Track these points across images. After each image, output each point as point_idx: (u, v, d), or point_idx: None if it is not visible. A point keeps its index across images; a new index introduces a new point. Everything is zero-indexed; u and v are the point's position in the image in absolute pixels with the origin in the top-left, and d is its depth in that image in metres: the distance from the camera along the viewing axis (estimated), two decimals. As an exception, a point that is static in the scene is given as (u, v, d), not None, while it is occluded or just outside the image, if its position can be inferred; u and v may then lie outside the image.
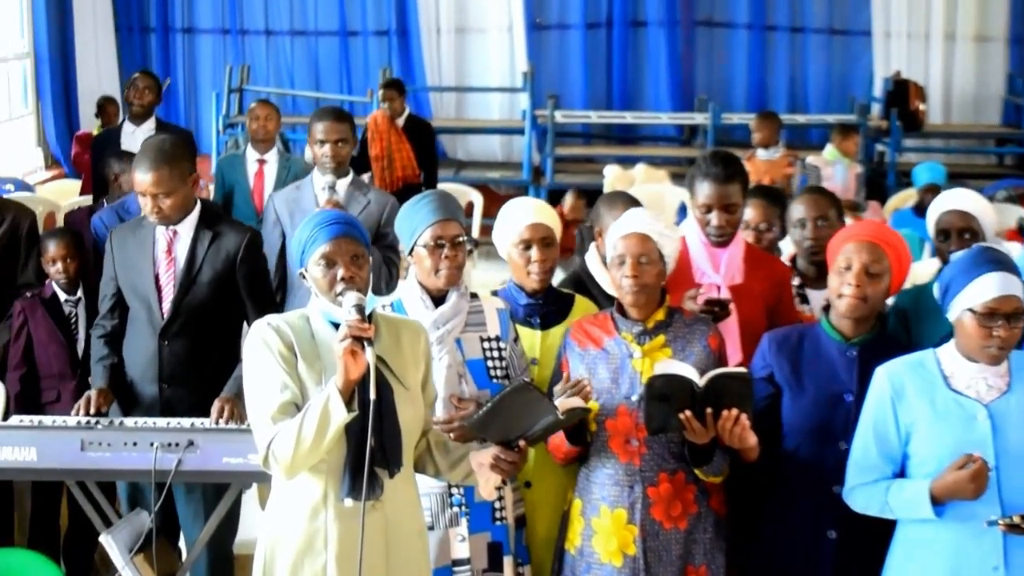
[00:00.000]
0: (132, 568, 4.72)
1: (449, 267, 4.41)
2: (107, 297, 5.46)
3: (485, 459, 3.97)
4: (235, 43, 16.26)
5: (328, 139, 6.53)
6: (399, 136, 10.53)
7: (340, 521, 3.84)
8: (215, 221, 5.43)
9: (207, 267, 5.32)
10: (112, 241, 5.45)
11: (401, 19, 16.07)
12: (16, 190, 10.73)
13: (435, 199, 4.49)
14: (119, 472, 4.83)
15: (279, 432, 3.77)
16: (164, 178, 5.21)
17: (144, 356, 5.33)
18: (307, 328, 3.93)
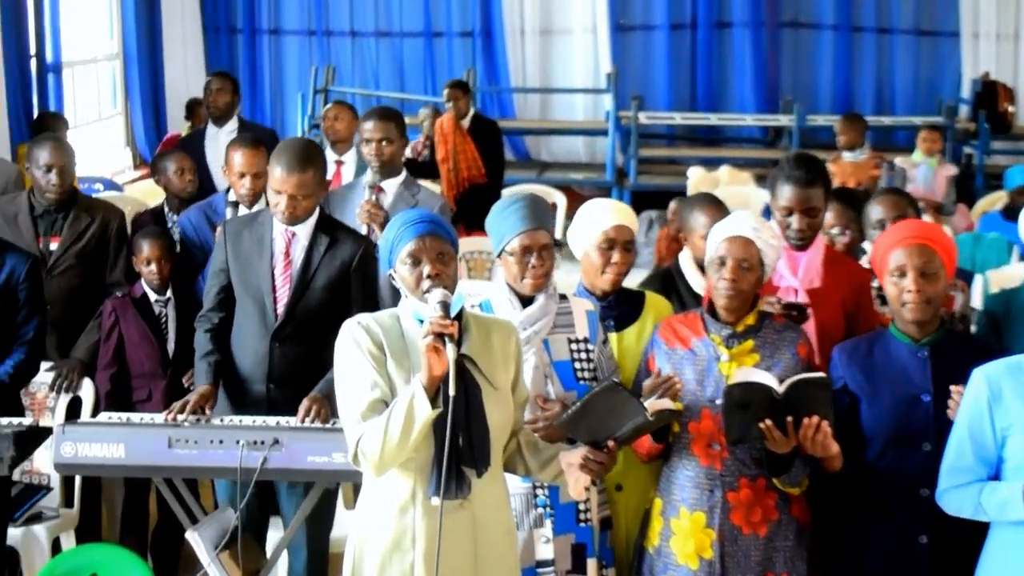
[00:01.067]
0: (218, 565, 4.75)
1: (535, 276, 4.41)
2: (215, 290, 5.45)
3: (574, 459, 3.97)
4: (321, 44, 16.36)
5: (373, 138, 6.53)
6: (463, 137, 10.54)
7: (428, 519, 3.85)
8: (332, 227, 5.45)
9: (322, 272, 5.33)
10: (226, 233, 5.45)
11: (486, 20, 16.10)
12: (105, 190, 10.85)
13: (526, 205, 4.48)
14: (205, 470, 4.86)
15: (367, 429, 3.79)
16: (307, 181, 5.23)
17: (254, 356, 5.35)
18: (397, 327, 3.95)
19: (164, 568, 6.20)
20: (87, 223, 6.41)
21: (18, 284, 5.51)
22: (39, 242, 6.32)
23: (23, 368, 5.53)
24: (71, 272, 6.36)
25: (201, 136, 9.16)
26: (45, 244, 6.34)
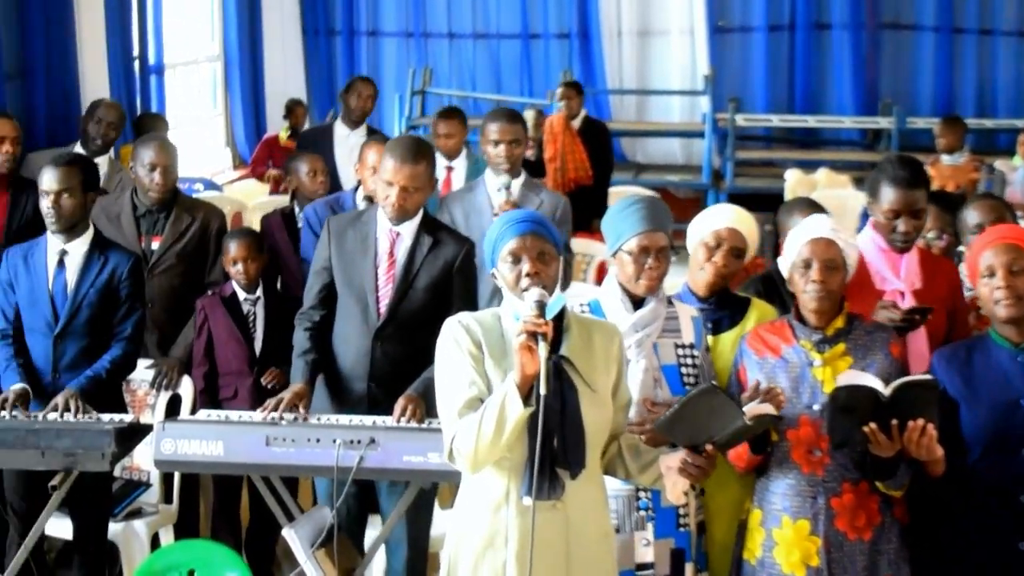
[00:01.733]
0: (313, 563, 4.79)
1: (651, 277, 4.42)
2: (317, 287, 5.51)
3: (673, 463, 3.96)
4: (418, 46, 16.39)
5: (503, 139, 6.56)
6: (573, 138, 10.52)
7: (521, 519, 3.86)
8: (435, 228, 5.48)
9: (424, 273, 5.37)
10: (330, 230, 5.49)
11: (583, 22, 16.04)
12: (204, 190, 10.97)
13: (647, 206, 4.48)
14: (302, 468, 4.91)
15: (462, 427, 3.83)
16: (419, 173, 5.29)
17: (356, 354, 5.39)
18: (497, 326, 3.98)
19: (259, 566, 6.24)
20: (188, 223, 6.49)
21: (120, 281, 5.61)
22: (141, 241, 6.41)
23: (120, 363, 5.63)
24: (172, 271, 6.45)
25: (325, 134, 9.20)
26: (147, 243, 6.42)
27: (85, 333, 5.61)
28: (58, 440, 4.94)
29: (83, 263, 5.62)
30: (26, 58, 9.01)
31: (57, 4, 9.29)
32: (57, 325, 5.59)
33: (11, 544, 5.64)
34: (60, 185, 5.50)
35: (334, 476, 4.73)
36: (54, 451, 4.94)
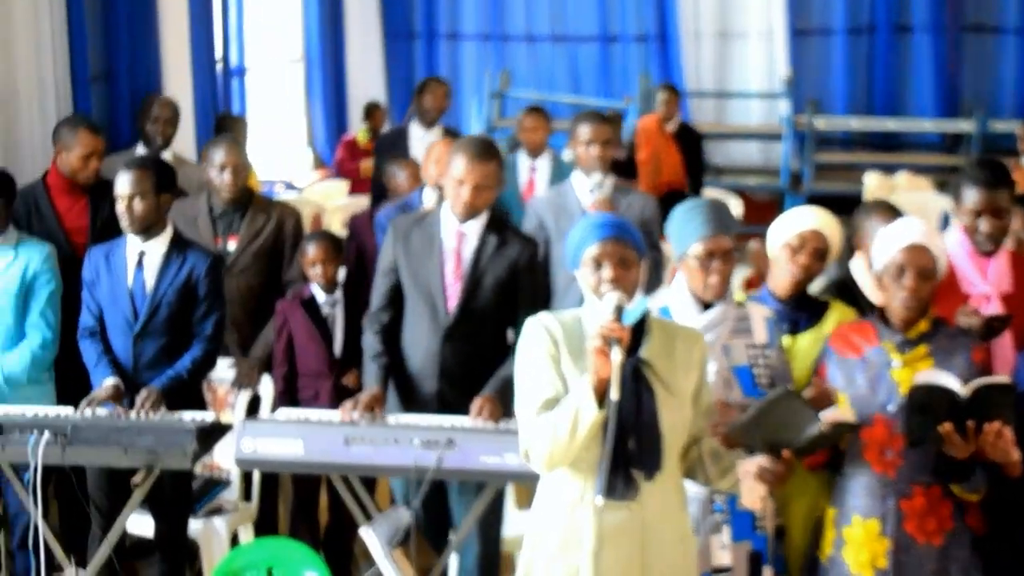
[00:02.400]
0: (391, 562, 4.81)
1: (717, 281, 4.41)
2: (384, 289, 5.53)
3: (751, 468, 3.96)
4: (497, 48, 16.43)
5: (595, 140, 6.57)
6: (667, 142, 10.52)
7: (596, 520, 3.87)
8: (501, 227, 5.50)
9: (490, 272, 5.39)
10: (395, 232, 5.52)
11: (661, 24, 16.01)
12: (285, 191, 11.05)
13: (709, 210, 4.48)
14: (381, 468, 4.93)
15: (537, 427, 3.85)
16: (491, 171, 5.32)
17: (425, 353, 5.42)
18: (577, 327, 3.99)
19: (337, 565, 6.28)
20: (263, 222, 6.54)
21: (199, 281, 5.66)
22: (217, 242, 6.47)
23: (200, 362, 5.68)
24: (249, 271, 6.51)
25: (402, 135, 9.24)
26: (223, 244, 6.48)
27: (164, 332, 5.67)
28: (141, 438, 5.00)
29: (161, 263, 5.67)
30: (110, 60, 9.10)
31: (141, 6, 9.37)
32: (136, 324, 5.64)
33: (93, 539, 5.70)
34: (132, 189, 5.55)
35: (412, 476, 4.75)
36: (137, 448, 5.00)
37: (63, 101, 8.21)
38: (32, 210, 6.63)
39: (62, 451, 5.01)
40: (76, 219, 6.64)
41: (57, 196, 6.68)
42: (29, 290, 5.95)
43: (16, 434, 5.04)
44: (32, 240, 6.09)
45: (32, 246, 6.01)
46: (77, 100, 8.34)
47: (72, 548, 5.68)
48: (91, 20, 8.75)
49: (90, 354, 5.68)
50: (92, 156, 6.61)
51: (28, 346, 5.93)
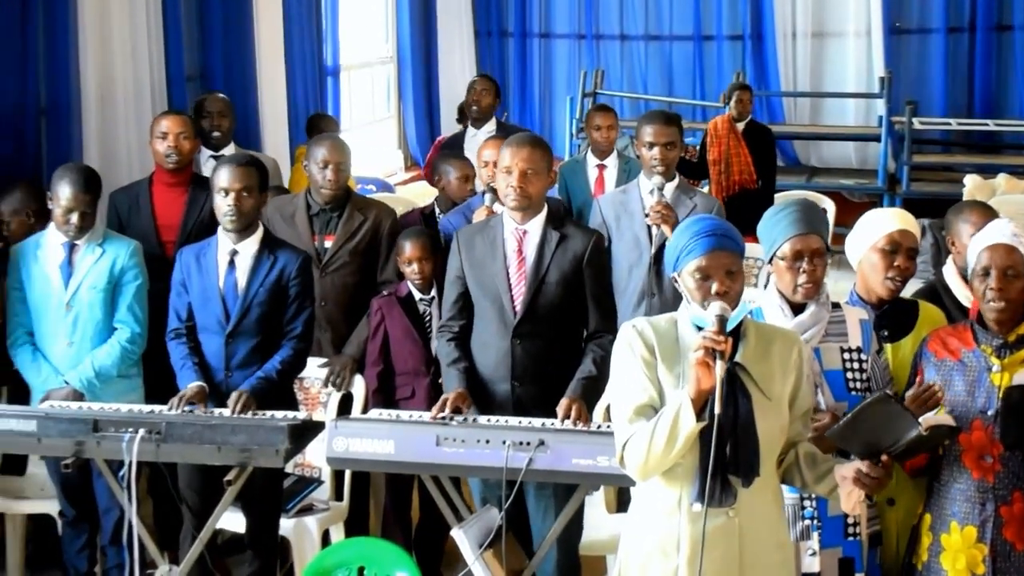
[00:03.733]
0: (481, 563, 4.80)
1: (807, 281, 4.34)
2: (453, 298, 5.54)
3: (848, 473, 3.90)
4: (590, 48, 16.40)
5: (657, 142, 6.51)
6: (738, 140, 10.45)
7: (693, 526, 3.83)
8: (561, 223, 5.48)
9: (554, 267, 5.37)
10: (460, 242, 5.53)
11: (756, 23, 15.89)
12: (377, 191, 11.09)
13: (798, 210, 4.42)
14: (471, 468, 4.90)
15: (634, 434, 3.82)
16: (538, 157, 5.30)
17: (496, 354, 5.41)
18: (673, 331, 3.95)
19: (428, 564, 6.27)
20: (360, 222, 6.55)
21: (289, 280, 5.68)
22: (314, 240, 6.49)
23: (290, 362, 5.70)
24: (344, 270, 6.51)
25: (461, 138, 9.27)
26: (320, 242, 6.49)
27: (256, 332, 5.69)
28: (233, 436, 5.01)
29: (253, 262, 5.69)
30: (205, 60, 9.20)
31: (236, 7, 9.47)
32: (228, 324, 5.67)
33: (185, 536, 5.74)
34: (242, 183, 5.58)
35: (503, 477, 4.73)
36: (230, 447, 5.01)
37: (158, 101, 8.31)
38: (132, 206, 6.72)
39: (156, 448, 5.05)
40: (171, 216, 6.70)
41: (157, 193, 6.76)
42: (117, 285, 6.01)
43: (111, 431, 5.07)
44: (118, 236, 6.15)
45: (119, 242, 6.07)
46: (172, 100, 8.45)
47: (165, 544, 5.73)
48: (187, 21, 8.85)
49: (176, 356, 5.72)
50: (169, 135, 6.67)
51: (117, 340, 5.99)
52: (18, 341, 6.02)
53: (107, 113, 8.04)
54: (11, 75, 7.31)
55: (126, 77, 8.14)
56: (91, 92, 7.82)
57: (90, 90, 7.81)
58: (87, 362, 5.89)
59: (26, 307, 6.02)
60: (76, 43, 7.69)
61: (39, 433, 5.14)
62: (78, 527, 6.18)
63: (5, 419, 5.18)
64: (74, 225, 5.88)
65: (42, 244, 6.03)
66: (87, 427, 5.09)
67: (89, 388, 5.85)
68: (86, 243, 5.97)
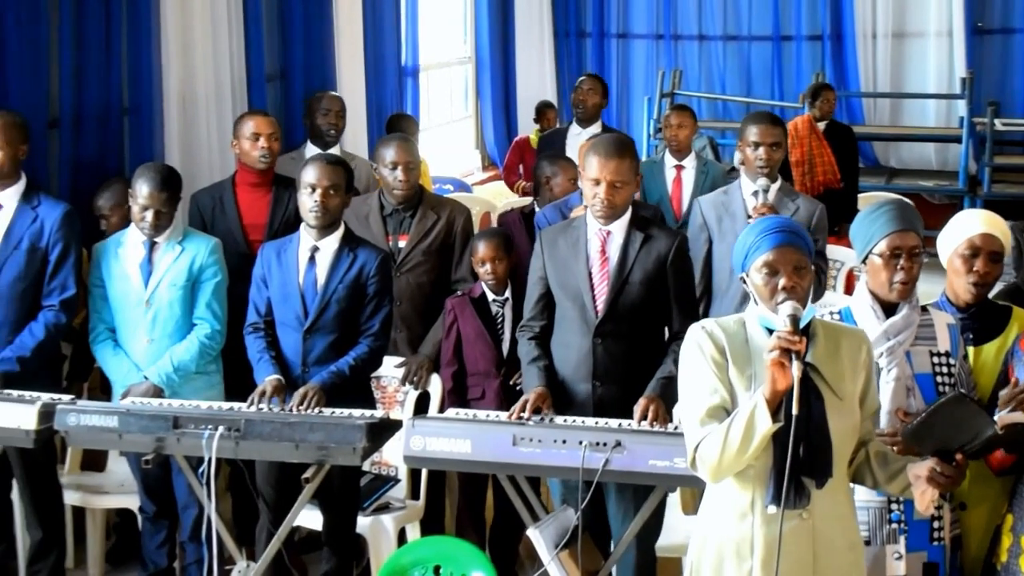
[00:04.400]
0: (557, 564, 4.80)
1: (903, 279, 4.32)
2: (536, 298, 5.54)
3: (922, 472, 3.88)
4: (668, 48, 16.33)
5: (763, 142, 6.47)
6: (820, 141, 10.39)
7: (767, 527, 3.83)
8: (646, 224, 5.47)
9: (638, 268, 5.36)
10: (543, 242, 5.54)
11: (836, 23, 15.75)
12: (455, 190, 11.12)
13: (894, 208, 4.41)
14: (548, 468, 4.91)
15: (707, 436, 3.82)
16: (625, 168, 5.28)
17: (577, 354, 5.40)
18: (742, 333, 3.94)
19: (502, 564, 6.29)
20: (434, 221, 6.58)
21: (368, 278, 5.71)
22: (388, 240, 6.52)
23: (365, 359, 5.73)
24: (418, 269, 6.55)
25: (563, 136, 9.25)
26: (394, 242, 6.53)
27: (333, 329, 5.72)
28: (312, 434, 5.04)
29: (333, 260, 5.73)
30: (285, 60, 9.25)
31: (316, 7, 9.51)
32: (307, 320, 5.71)
33: (261, 530, 5.78)
34: (330, 181, 5.63)
35: (579, 478, 4.73)
36: (308, 444, 5.04)
37: (239, 101, 8.37)
38: (216, 205, 6.79)
39: (235, 445, 5.09)
40: (256, 216, 6.77)
41: (241, 193, 6.84)
42: (196, 283, 6.08)
43: (191, 427, 5.12)
44: (198, 234, 6.23)
45: (198, 239, 6.14)
46: (252, 100, 8.50)
47: (243, 540, 5.77)
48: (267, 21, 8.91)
49: (254, 350, 5.77)
50: (259, 137, 6.75)
51: (196, 337, 6.06)
52: (99, 337, 6.11)
53: (188, 113, 8.11)
54: (95, 77, 7.39)
55: (207, 78, 8.21)
56: (173, 93, 7.89)
57: (172, 91, 7.88)
58: (166, 358, 5.96)
59: (107, 304, 6.11)
60: (158, 44, 7.76)
61: (120, 429, 5.20)
62: (157, 523, 6.25)
63: (87, 415, 5.25)
64: (149, 223, 5.95)
65: (123, 242, 6.11)
66: (167, 424, 5.14)
67: (168, 383, 5.91)
68: (166, 241, 6.04)
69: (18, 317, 5.91)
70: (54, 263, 5.94)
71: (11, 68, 6.79)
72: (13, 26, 6.78)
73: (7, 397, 5.46)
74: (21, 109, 6.36)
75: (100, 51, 7.40)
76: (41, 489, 6.09)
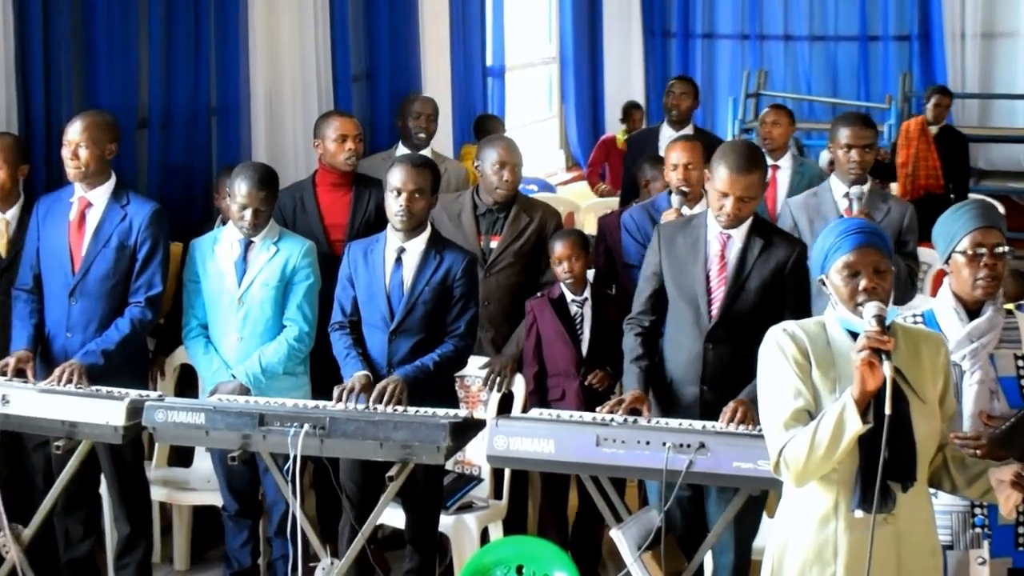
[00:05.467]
0: (640, 565, 4.79)
1: (987, 277, 4.27)
2: (647, 293, 5.52)
3: (1005, 476, 3.83)
4: (753, 48, 16.25)
5: (856, 144, 6.39)
6: (928, 145, 10.31)
7: (850, 532, 3.80)
8: (768, 230, 5.44)
9: (755, 275, 5.33)
10: (660, 238, 5.51)
11: (924, 23, 15.61)
12: (539, 190, 11.12)
13: (977, 207, 4.37)
14: (631, 469, 4.89)
15: (792, 439, 3.78)
16: (753, 183, 5.27)
17: (687, 357, 5.38)
18: (823, 335, 3.91)
19: (584, 564, 6.27)
20: (526, 223, 6.59)
21: (454, 280, 5.71)
22: (480, 240, 6.54)
23: (449, 358, 5.73)
24: (508, 270, 6.56)
25: (654, 137, 9.22)
26: (485, 242, 6.55)
27: (419, 330, 5.72)
28: (396, 432, 5.05)
29: (420, 261, 5.74)
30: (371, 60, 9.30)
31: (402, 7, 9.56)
32: (392, 322, 5.71)
33: (343, 527, 5.81)
34: (415, 184, 5.64)
35: (662, 479, 4.72)
36: (391, 443, 5.05)
37: (325, 101, 8.43)
38: (297, 205, 6.83)
39: (320, 443, 5.11)
40: (337, 216, 6.80)
41: (322, 193, 6.87)
42: (289, 284, 6.11)
43: (276, 425, 5.15)
44: (293, 235, 6.25)
45: (293, 241, 6.17)
46: (338, 100, 8.56)
47: (328, 537, 5.81)
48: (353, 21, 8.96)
49: (340, 347, 5.79)
50: (346, 138, 6.78)
51: (285, 338, 6.09)
52: (192, 333, 6.18)
53: (275, 113, 8.18)
54: (184, 78, 7.48)
55: (294, 77, 8.27)
56: (260, 93, 7.96)
57: (259, 91, 7.95)
58: (255, 358, 6.01)
59: (201, 300, 6.17)
60: (246, 45, 7.84)
61: (207, 426, 5.25)
62: (240, 522, 6.30)
63: (175, 411, 5.30)
64: (248, 222, 6.00)
65: (219, 240, 6.18)
66: (253, 421, 5.18)
67: (255, 383, 5.96)
68: (262, 240, 6.09)
69: (106, 313, 5.98)
70: (142, 261, 6.00)
71: (101, 70, 6.89)
72: (103, 28, 6.88)
73: (96, 393, 5.54)
74: (111, 110, 6.44)
75: (189, 52, 7.49)
76: (129, 484, 6.16)
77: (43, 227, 6.03)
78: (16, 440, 6.13)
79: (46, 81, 6.59)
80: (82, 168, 5.92)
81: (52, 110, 6.61)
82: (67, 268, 5.98)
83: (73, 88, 6.77)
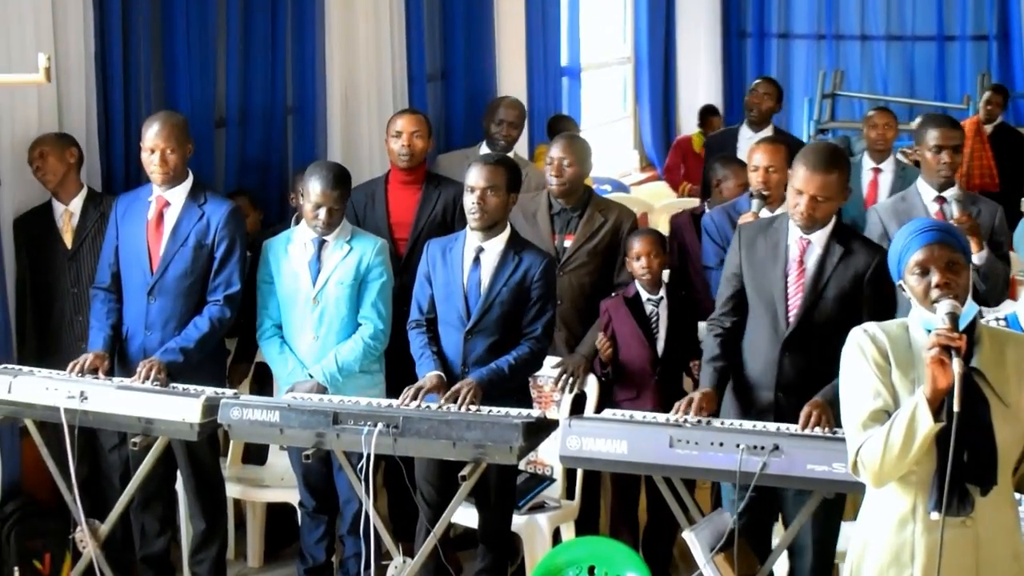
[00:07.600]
0: (712, 567, 4.78)
1: None
2: (728, 294, 5.48)
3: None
4: (829, 48, 16.13)
5: (946, 145, 6.32)
6: (982, 144, 10.20)
7: (928, 535, 3.77)
8: (848, 236, 5.38)
9: (833, 283, 5.26)
10: (741, 239, 5.47)
11: (1003, 23, 15.44)
12: (613, 191, 11.10)
13: None
14: (704, 471, 4.89)
15: (868, 439, 3.76)
16: (831, 183, 5.18)
17: (764, 362, 5.34)
18: (904, 336, 3.88)
19: (656, 566, 6.25)
20: (600, 223, 6.58)
21: (532, 282, 5.71)
22: (554, 239, 6.54)
23: (525, 360, 5.73)
24: (582, 270, 6.55)
25: (733, 137, 9.18)
26: (560, 242, 6.55)
27: (495, 330, 5.73)
28: (469, 432, 5.07)
29: (498, 261, 5.74)
30: (446, 60, 9.33)
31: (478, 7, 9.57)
32: (469, 321, 5.72)
33: (420, 529, 5.82)
34: (487, 182, 5.64)
35: (736, 481, 4.70)
36: (464, 442, 5.07)
37: (400, 100, 8.47)
38: (368, 202, 6.88)
39: (393, 442, 5.14)
40: (404, 214, 6.84)
41: (392, 190, 6.92)
42: (363, 282, 6.14)
43: (350, 424, 5.19)
44: (365, 234, 6.29)
45: (365, 239, 6.20)
46: (413, 99, 8.59)
47: (400, 536, 5.83)
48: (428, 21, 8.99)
49: (416, 345, 5.82)
50: (403, 134, 6.81)
51: (360, 337, 6.12)
52: (266, 333, 6.23)
53: (350, 113, 8.22)
54: (261, 77, 7.54)
55: (369, 77, 8.31)
56: (335, 92, 8.01)
57: (335, 90, 8.00)
58: (331, 357, 6.04)
59: (275, 300, 6.21)
60: (322, 45, 7.89)
61: (281, 424, 5.30)
62: (316, 518, 6.33)
63: (250, 409, 5.35)
64: (322, 221, 6.04)
65: (293, 239, 6.22)
66: (327, 419, 5.21)
67: (332, 382, 5.99)
68: (335, 239, 6.12)
69: (184, 312, 6.05)
70: (220, 259, 6.06)
71: (180, 70, 6.96)
72: (182, 29, 6.96)
73: (172, 391, 5.60)
74: (189, 109, 6.52)
75: (266, 52, 7.55)
76: (204, 481, 6.22)
77: (122, 226, 6.10)
78: (92, 440, 6.22)
79: (125, 80, 6.67)
80: (170, 172, 5.98)
81: (131, 109, 6.69)
82: (145, 267, 6.05)
83: (152, 87, 6.84)
